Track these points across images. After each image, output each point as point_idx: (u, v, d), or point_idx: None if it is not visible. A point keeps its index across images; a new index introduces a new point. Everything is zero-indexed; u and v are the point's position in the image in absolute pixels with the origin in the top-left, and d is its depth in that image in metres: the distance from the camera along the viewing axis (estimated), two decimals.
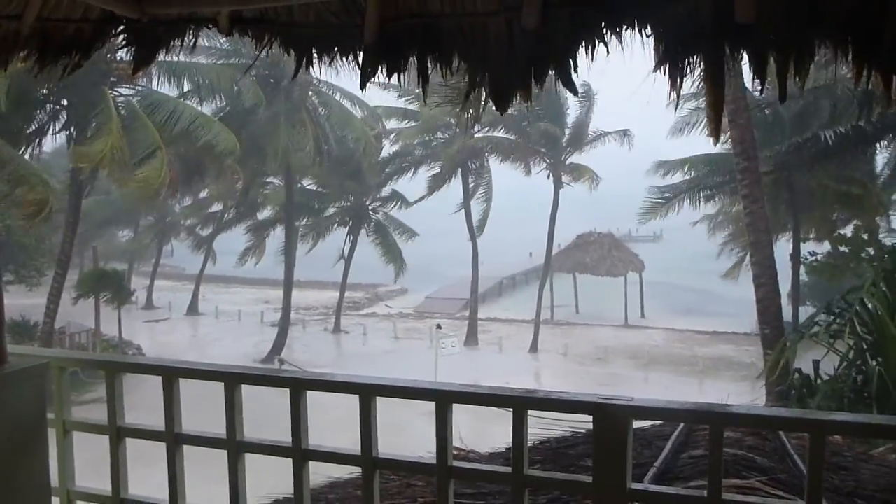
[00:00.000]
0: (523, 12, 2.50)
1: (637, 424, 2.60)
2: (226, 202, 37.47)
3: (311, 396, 2.60)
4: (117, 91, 22.69)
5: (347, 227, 34.95)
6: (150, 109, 22.23)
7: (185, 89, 25.28)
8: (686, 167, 26.49)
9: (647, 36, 2.53)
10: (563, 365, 29.87)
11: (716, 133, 2.85)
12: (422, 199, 33.49)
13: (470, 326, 33.66)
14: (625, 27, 2.49)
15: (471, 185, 33.44)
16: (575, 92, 2.74)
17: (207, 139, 22.65)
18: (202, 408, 3.98)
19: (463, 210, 33.40)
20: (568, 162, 31.66)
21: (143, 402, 5.15)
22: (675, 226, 31.93)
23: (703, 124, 24.90)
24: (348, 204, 34.79)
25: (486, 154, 32.56)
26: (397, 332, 35.62)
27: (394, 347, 32.86)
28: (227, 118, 25.32)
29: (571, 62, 2.66)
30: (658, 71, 2.63)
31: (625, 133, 30.99)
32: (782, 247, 22.25)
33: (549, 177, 31.98)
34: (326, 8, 2.77)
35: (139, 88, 23.56)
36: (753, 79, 2.56)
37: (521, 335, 34.15)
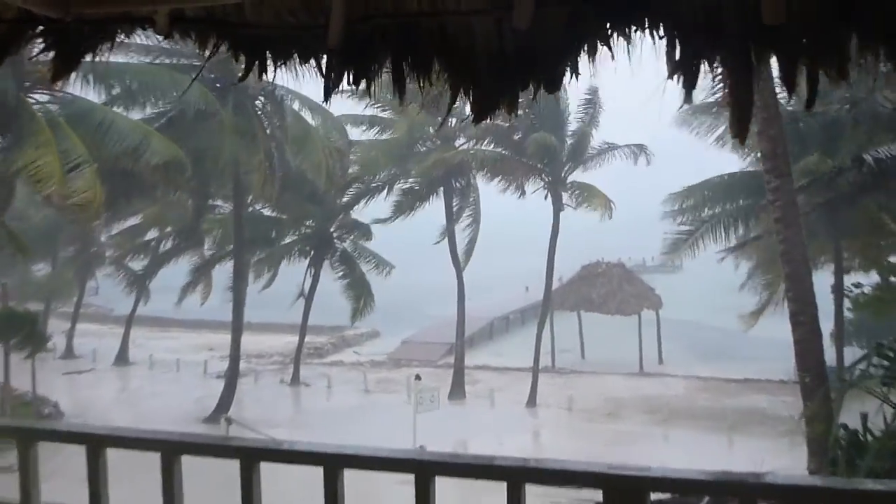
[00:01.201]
0: (515, 11, 2.52)
1: (655, 496, 2.59)
2: (162, 229, 37.22)
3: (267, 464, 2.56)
4: (32, 98, 22.62)
5: (308, 259, 34.88)
6: (73, 119, 22.17)
7: (114, 93, 25.25)
8: (706, 192, 26.93)
9: (660, 38, 2.57)
10: (567, 421, 29.76)
11: (741, 132, 2.76)
12: (391, 219, 33.58)
13: (455, 376, 33.53)
14: (633, 28, 2.52)
15: (455, 208, 33.57)
16: (556, 96, 2.79)
17: (142, 153, 22.59)
18: (138, 479, 3.92)
19: (446, 238, 33.43)
20: (570, 180, 31.84)
21: (64, 470, 5.05)
22: (697, 253, 32.18)
23: (725, 136, 25.33)
24: (309, 231, 34.77)
25: (473, 171, 32.68)
26: (368, 384, 35.35)
27: (364, 402, 32.68)
28: (166, 129, 25.27)
29: (569, 67, 2.69)
30: (672, 78, 2.67)
31: (640, 149, 31.21)
32: (821, 278, 22.41)
33: (546, 197, 32.10)
34: (284, 5, 2.78)
35: (60, 94, 23.49)
36: (782, 85, 2.60)
37: (516, 386, 34.03)
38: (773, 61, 2.62)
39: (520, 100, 2.90)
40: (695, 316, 51.17)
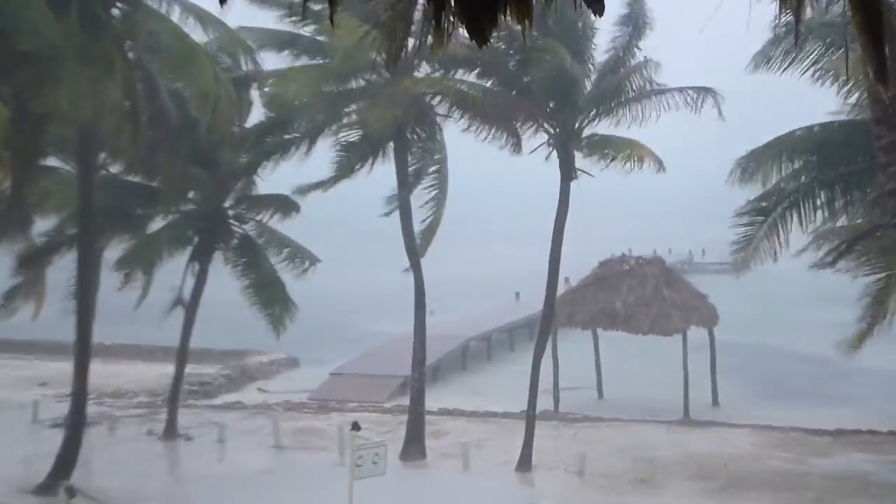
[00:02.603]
0: None
1: None
2: None
3: None
4: None
5: (191, 250, 34.69)
6: None
7: None
8: (785, 152, 26.78)
9: None
10: (579, 493, 29.70)
11: (881, 73, 2.57)
12: (317, 186, 33.38)
13: (411, 425, 33.38)
14: None
15: (411, 170, 33.42)
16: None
17: None
18: None
19: (399, 216, 33.15)
20: (587, 134, 31.54)
21: None
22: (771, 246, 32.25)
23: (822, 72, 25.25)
24: (193, 207, 34.54)
25: (440, 117, 32.53)
26: (281, 437, 35.11)
27: (274, 464, 32.60)
28: None
29: None
30: None
31: (702, 93, 30.81)
32: None
33: (549, 157, 31.86)
34: None
35: None
36: None
37: (502, 440, 34.11)
38: None
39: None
40: (766, 337, 51.67)
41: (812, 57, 25.20)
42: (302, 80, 32.43)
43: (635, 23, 31.72)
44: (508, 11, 5.77)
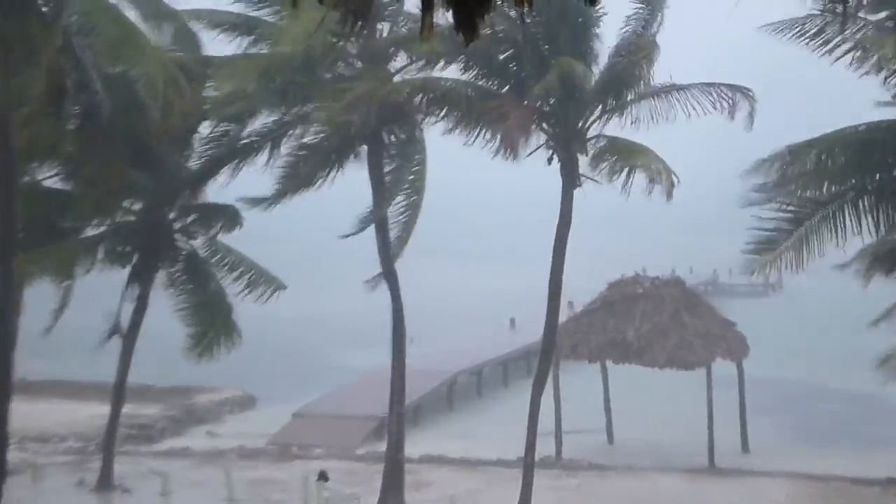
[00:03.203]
0: None
1: None
2: None
3: None
4: None
5: (129, 269, 34.74)
6: None
7: None
8: (822, 155, 26.84)
9: None
10: None
11: None
12: (275, 199, 33.13)
13: (389, 475, 33.28)
14: None
15: (387, 181, 33.44)
16: None
17: None
18: None
19: (374, 232, 33.31)
20: (594, 134, 31.62)
21: None
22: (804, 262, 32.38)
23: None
24: (132, 218, 34.62)
25: (420, 115, 32.53)
26: (234, 490, 35.11)
27: None
28: None
29: None
30: None
31: (732, 91, 30.85)
32: None
33: (550, 163, 31.91)
34: None
35: None
36: None
37: (495, 492, 34.14)
38: None
39: None
40: (804, 371, 51.55)
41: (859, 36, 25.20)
42: (245, 71, 32.39)
43: (652, 7, 31.71)
44: None
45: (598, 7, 30.82)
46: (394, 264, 33.44)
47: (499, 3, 5.97)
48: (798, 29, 26.30)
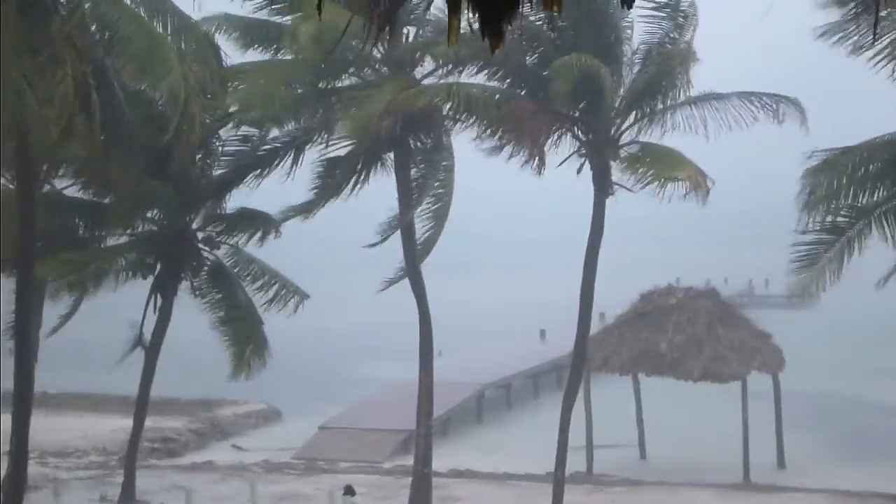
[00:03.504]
0: None
1: None
2: None
3: None
4: None
5: (152, 279, 34.54)
6: None
7: None
8: (864, 163, 26.49)
9: None
10: None
11: None
12: (306, 210, 33.07)
13: (416, 489, 33.16)
14: None
15: (413, 188, 33.22)
16: None
17: None
18: None
19: (401, 240, 33.04)
20: (625, 141, 31.29)
21: None
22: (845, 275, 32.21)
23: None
24: (154, 228, 34.55)
25: (446, 122, 32.51)
26: None
27: None
28: None
29: None
30: None
31: (773, 102, 30.57)
32: None
33: (580, 171, 31.66)
34: None
35: None
36: None
37: None
38: None
39: None
40: (842, 384, 51.33)
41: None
42: (272, 78, 32.23)
43: (679, 10, 31.37)
44: None
45: (627, 12, 30.65)
46: (421, 275, 33.25)
47: (526, 8, 5.62)
48: (841, 35, 25.99)
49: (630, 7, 27.98)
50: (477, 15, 5.22)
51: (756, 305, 72.72)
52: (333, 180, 32.88)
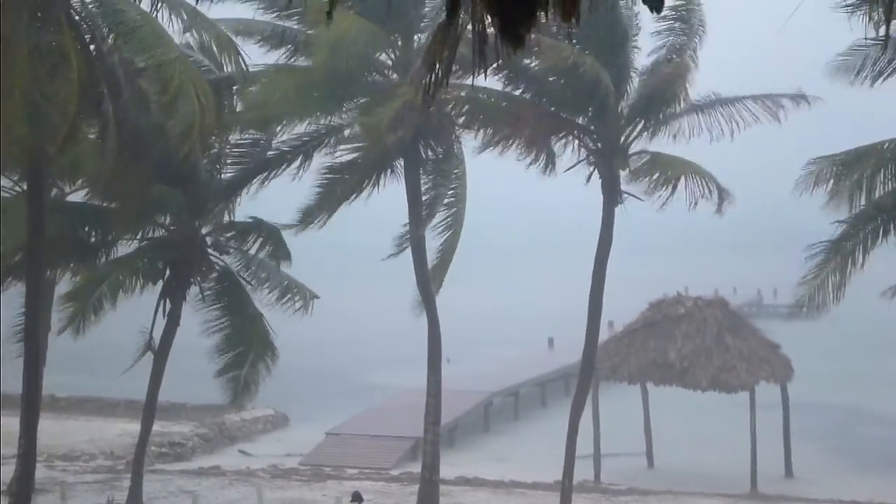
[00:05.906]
0: None
1: None
2: None
3: None
4: None
5: (161, 286, 34.44)
6: None
7: None
8: (871, 167, 26.49)
9: None
10: None
11: None
12: (315, 218, 33.08)
13: (423, 497, 33.23)
14: None
15: (424, 197, 33.32)
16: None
17: None
18: None
19: (409, 250, 33.17)
20: (635, 150, 31.34)
21: None
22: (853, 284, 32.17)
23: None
24: (163, 234, 34.59)
25: (457, 130, 32.53)
26: None
27: None
28: None
29: None
30: None
31: (796, 100, 30.55)
32: None
33: (590, 179, 31.75)
34: None
35: None
36: None
37: None
38: None
39: None
40: (850, 395, 51.25)
41: None
42: (290, 85, 32.21)
43: (687, 20, 31.44)
44: (550, 6, 5.57)
45: (636, 21, 30.77)
46: (430, 284, 33.31)
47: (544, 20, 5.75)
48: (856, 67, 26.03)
49: (659, 11, 28.14)
50: (496, 22, 5.36)
51: (765, 316, 72.71)
52: (346, 186, 32.94)
